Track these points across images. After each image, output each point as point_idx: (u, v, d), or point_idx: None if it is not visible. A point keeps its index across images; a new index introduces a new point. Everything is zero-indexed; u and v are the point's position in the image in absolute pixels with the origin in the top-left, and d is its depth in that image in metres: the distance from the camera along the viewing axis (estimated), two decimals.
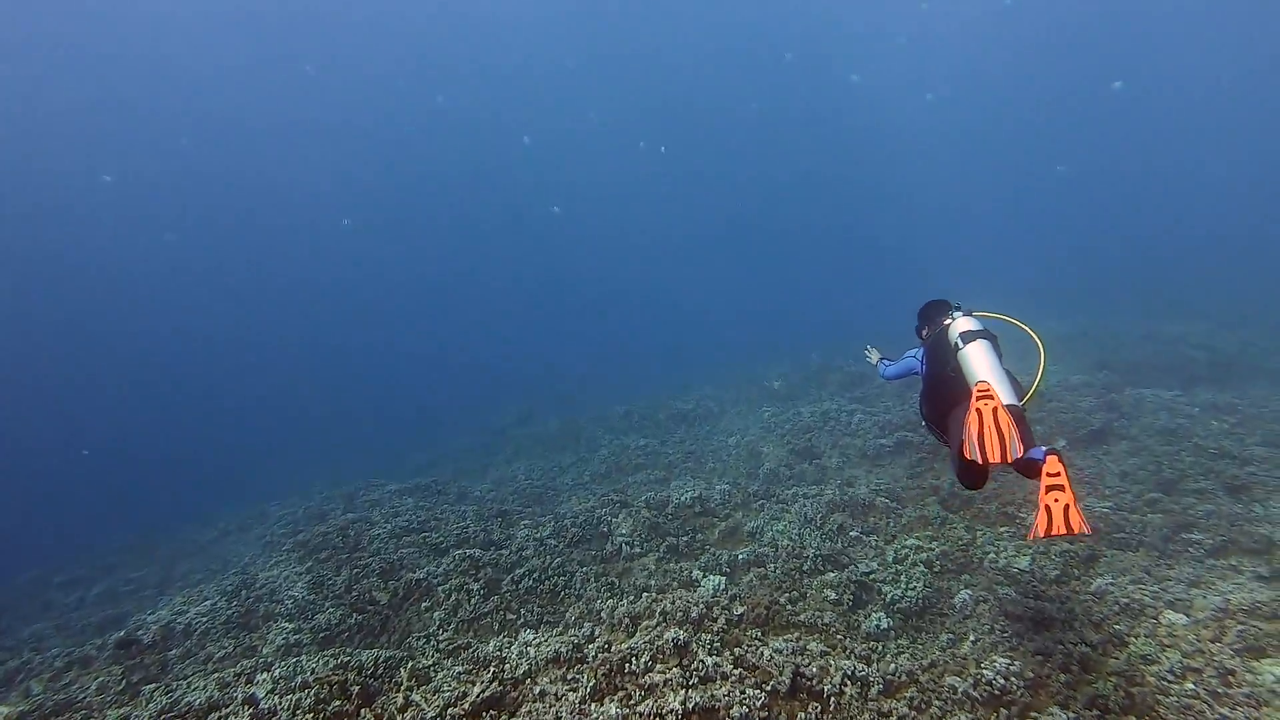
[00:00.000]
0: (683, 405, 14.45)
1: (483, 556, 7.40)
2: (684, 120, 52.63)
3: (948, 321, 4.14)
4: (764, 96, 51.86)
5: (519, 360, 35.52)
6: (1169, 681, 4.09)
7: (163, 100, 42.54)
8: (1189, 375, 11.63)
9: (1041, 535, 3.18)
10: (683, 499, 8.18)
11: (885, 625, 5.28)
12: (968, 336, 3.87)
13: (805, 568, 6.28)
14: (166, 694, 5.56)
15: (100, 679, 6.41)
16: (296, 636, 6.51)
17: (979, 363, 3.73)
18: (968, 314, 4.16)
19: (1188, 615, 4.71)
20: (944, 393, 3.97)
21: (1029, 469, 3.38)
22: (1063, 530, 3.11)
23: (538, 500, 10.70)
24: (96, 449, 30.19)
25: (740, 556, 6.71)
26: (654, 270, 60.83)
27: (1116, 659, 4.41)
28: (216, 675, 5.81)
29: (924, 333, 4.55)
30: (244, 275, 54.56)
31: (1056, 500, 3.19)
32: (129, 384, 43.36)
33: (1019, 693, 4.11)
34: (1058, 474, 3.22)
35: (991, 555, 6.16)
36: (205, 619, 7.22)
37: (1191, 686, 3.99)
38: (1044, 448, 3.35)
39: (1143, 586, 5.28)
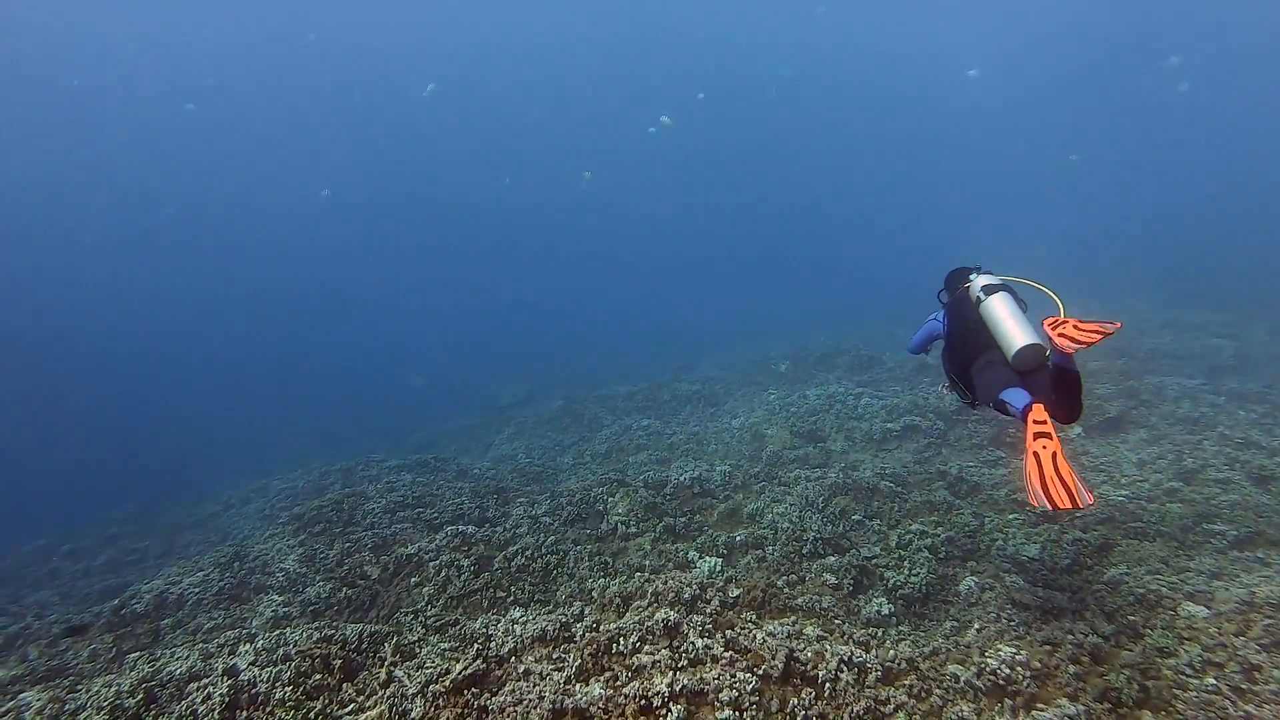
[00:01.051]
0: (688, 387, 14.24)
1: (476, 533, 7.24)
2: (700, 90, 51.94)
3: (967, 284, 4.17)
4: (795, 62, 50.97)
5: (524, 339, 35.36)
6: (1188, 676, 3.84)
7: (161, 78, 42.39)
8: (1213, 364, 11.23)
9: (1035, 486, 3.12)
10: (682, 479, 7.97)
11: (886, 611, 5.05)
12: (989, 290, 3.88)
13: (805, 551, 6.05)
14: (150, 663, 5.46)
15: (93, 646, 6.41)
16: (286, 609, 6.42)
17: (1002, 311, 3.75)
18: (986, 274, 4.17)
19: (1209, 608, 4.44)
20: (967, 344, 4.00)
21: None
22: (1064, 502, 3.01)
23: (537, 479, 10.55)
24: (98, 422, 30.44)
25: (738, 538, 6.51)
26: (663, 249, 60.35)
27: (1131, 651, 4.17)
28: (201, 645, 5.71)
29: (945, 298, 4.59)
30: (244, 247, 54.59)
31: (1045, 447, 3.14)
32: (134, 356, 43.42)
33: (1025, 683, 3.88)
34: (1044, 421, 3.18)
35: (1000, 542, 5.91)
36: (198, 590, 7.15)
37: (1213, 681, 3.74)
38: (1029, 396, 3.37)
39: (1160, 577, 5.01)
